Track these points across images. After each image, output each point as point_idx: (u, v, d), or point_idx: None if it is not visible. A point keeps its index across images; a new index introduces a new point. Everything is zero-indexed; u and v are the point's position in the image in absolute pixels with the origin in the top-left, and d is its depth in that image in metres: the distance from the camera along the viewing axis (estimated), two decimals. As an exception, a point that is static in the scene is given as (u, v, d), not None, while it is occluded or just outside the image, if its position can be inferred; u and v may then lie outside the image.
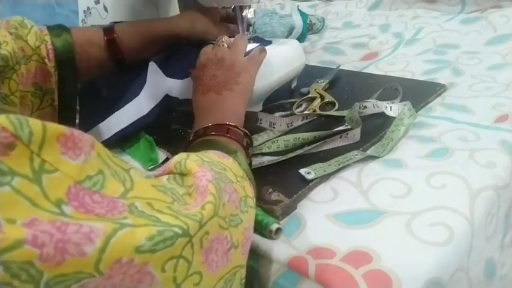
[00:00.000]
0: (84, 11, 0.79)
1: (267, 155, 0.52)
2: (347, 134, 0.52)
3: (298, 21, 0.97)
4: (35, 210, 0.21)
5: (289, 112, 0.62)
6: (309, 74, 0.71)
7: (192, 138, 0.44)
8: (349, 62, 0.84)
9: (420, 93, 0.63)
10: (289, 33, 0.96)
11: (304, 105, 0.64)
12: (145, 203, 0.26)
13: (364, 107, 0.57)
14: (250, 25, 0.63)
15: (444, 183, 0.44)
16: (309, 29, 1.02)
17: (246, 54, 0.54)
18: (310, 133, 0.53)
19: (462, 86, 0.66)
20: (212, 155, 0.36)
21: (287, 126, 0.57)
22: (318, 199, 0.45)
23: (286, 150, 0.52)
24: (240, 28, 0.62)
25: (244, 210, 0.34)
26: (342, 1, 1.21)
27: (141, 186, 0.27)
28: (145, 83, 0.60)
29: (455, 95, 0.64)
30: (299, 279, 0.37)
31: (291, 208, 0.44)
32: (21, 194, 0.20)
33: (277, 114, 0.60)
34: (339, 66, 0.76)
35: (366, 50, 0.87)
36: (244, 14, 0.61)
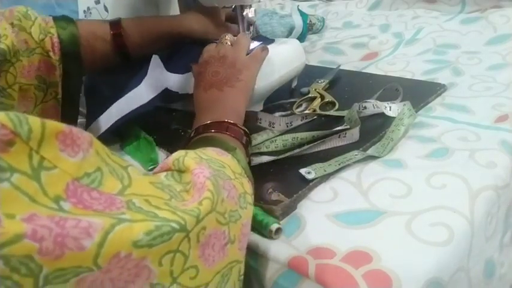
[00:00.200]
0: (84, 11, 0.79)
1: (265, 154, 0.52)
2: (345, 133, 0.52)
3: (298, 21, 0.97)
4: (34, 206, 0.21)
5: (289, 112, 0.62)
6: (309, 73, 0.71)
7: (192, 135, 0.44)
8: (349, 62, 0.84)
9: (420, 93, 0.63)
10: (289, 33, 0.96)
11: (304, 105, 0.64)
12: (142, 199, 0.26)
13: (364, 107, 0.57)
14: (251, 24, 0.63)
15: (444, 183, 0.44)
16: (309, 29, 1.02)
17: (249, 53, 0.54)
18: (308, 133, 0.53)
19: (462, 86, 0.66)
20: (211, 152, 0.37)
21: (286, 126, 0.57)
22: (318, 199, 0.45)
23: (284, 150, 0.52)
24: (240, 28, 0.62)
25: (243, 206, 0.34)
26: (342, 1, 1.21)
27: (139, 183, 0.27)
28: (146, 74, 0.60)
29: (455, 95, 0.64)
30: (299, 279, 0.37)
31: (291, 208, 0.44)
32: (20, 190, 0.21)
33: (277, 114, 0.60)
34: (339, 66, 0.76)
35: (366, 50, 0.87)
36: (245, 13, 0.61)
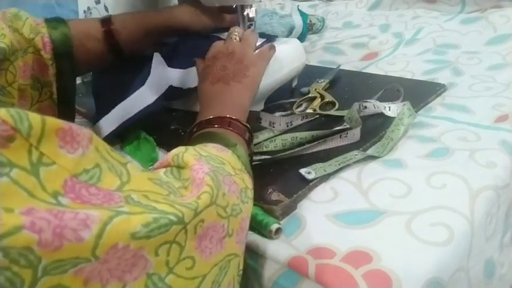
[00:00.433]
0: (84, 11, 0.79)
1: (265, 154, 0.52)
2: (347, 133, 0.52)
3: (298, 21, 0.97)
4: (32, 200, 0.21)
5: (289, 112, 0.62)
6: (309, 73, 0.71)
7: (195, 129, 0.44)
8: (349, 62, 0.84)
9: (420, 93, 0.63)
10: (289, 33, 0.96)
11: (304, 105, 0.64)
12: (141, 195, 0.26)
13: (364, 107, 0.57)
14: (251, 24, 0.63)
15: (444, 183, 0.44)
16: (309, 29, 1.02)
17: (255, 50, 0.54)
18: (308, 132, 0.53)
19: (462, 86, 0.66)
20: (211, 148, 0.37)
21: (287, 126, 0.57)
22: (318, 199, 0.45)
23: (284, 150, 0.52)
24: (241, 27, 0.62)
25: (245, 200, 0.35)
26: (342, 1, 1.21)
27: (138, 179, 0.28)
28: (149, 74, 0.60)
29: (455, 95, 0.64)
30: (299, 279, 0.37)
31: (291, 208, 0.44)
32: (19, 185, 0.21)
33: (277, 114, 0.60)
34: (339, 66, 0.76)
35: (366, 50, 0.87)
36: (245, 13, 0.61)
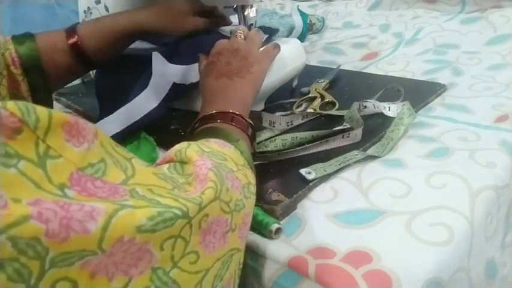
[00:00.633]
0: (84, 11, 0.79)
1: (264, 153, 0.52)
2: (349, 134, 0.52)
3: (298, 21, 0.97)
4: (39, 192, 0.21)
5: (289, 112, 0.62)
6: (309, 73, 0.71)
7: (197, 124, 0.44)
8: (349, 62, 0.84)
9: (420, 93, 0.63)
10: (289, 33, 0.96)
11: (304, 105, 0.64)
12: (146, 188, 0.27)
13: (364, 106, 0.57)
14: (252, 24, 0.63)
15: (444, 183, 0.44)
16: (309, 29, 1.02)
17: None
18: (308, 132, 0.53)
19: (462, 86, 0.66)
20: (213, 144, 0.37)
21: (287, 125, 0.57)
22: (318, 199, 0.45)
23: (284, 149, 0.52)
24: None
25: (248, 196, 0.35)
26: (342, 1, 1.21)
27: (142, 173, 0.28)
28: (151, 74, 0.59)
29: (455, 95, 0.64)
30: (299, 279, 0.37)
31: (291, 208, 0.44)
32: (26, 177, 0.21)
33: (277, 114, 0.60)
34: (339, 66, 0.76)
35: (366, 50, 0.87)
36: (246, 13, 0.61)
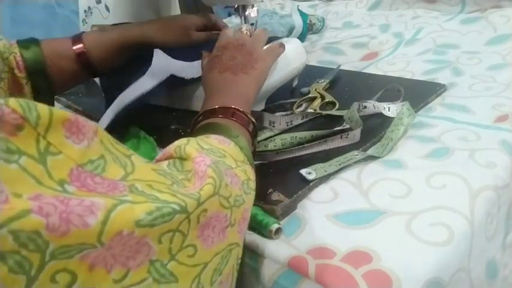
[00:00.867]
0: (85, 11, 0.79)
1: (263, 153, 0.52)
2: (347, 134, 0.52)
3: (298, 21, 0.97)
4: (40, 187, 0.22)
5: (289, 112, 0.62)
6: (309, 73, 0.71)
7: (199, 118, 0.45)
8: (349, 62, 0.84)
9: (420, 93, 0.63)
10: (289, 33, 0.96)
11: (304, 105, 0.64)
12: (145, 184, 0.27)
13: (364, 107, 0.57)
14: (252, 24, 0.63)
15: (444, 183, 0.44)
16: (309, 29, 1.02)
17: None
18: (307, 132, 0.53)
19: (462, 86, 0.66)
20: (213, 140, 0.37)
21: (287, 125, 0.57)
22: (318, 199, 0.45)
23: (283, 149, 0.52)
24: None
25: (247, 192, 0.35)
26: (342, 1, 1.21)
27: (142, 170, 0.28)
28: (149, 65, 0.59)
29: (455, 95, 0.64)
30: (299, 279, 0.37)
31: (291, 208, 0.44)
32: (27, 172, 0.22)
33: (277, 114, 0.60)
34: (339, 66, 0.76)
35: (366, 50, 0.87)
36: (247, 13, 0.62)
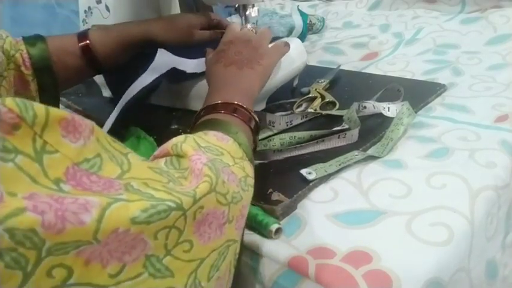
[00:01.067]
0: (85, 11, 0.78)
1: (263, 152, 0.52)
2: (345, 134, 0.52)
3: (298, 21, 0.97)
4: (35, 186, 0.22)
5: (289, 112, 0.62)
6: (309, 73, 0.71)
7: (201, 113, 0.45)
8: (349, 62, 0.84)
9: (420, 93, 0.63)
10: (289, 33, 0.96)
11: (304, 105, 0.64)
12: (141, 182, 0.27)
13: (363, 107, 0.57)
14: (253, 23, 0.63)
15: (444, 183, 0.44)
16: (309, 29, 1.02)
17: None
18: (306, 132, 0.53)
19: (462, 86, 0.66)
20: (211, 137, 0.37)
21: (286, 125, 0.57)
22: (318, 199, 0.45)
23: (282, 149, 0.52)
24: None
25: (245, 188, 0.35)
26: (342, 1, 1.21)
27: (138, 168, 0.29)
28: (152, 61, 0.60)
29: (455, 95, 0.64)
30: (299, 279, 0.37)
31: (291, 208, 0.44)
32: (23, 171, 0.22)
33: (277, 114, 0.60)
34: (339, 66, 0.76)
35: (366, 50, 0.87)
36: (248, 13, 0.62)
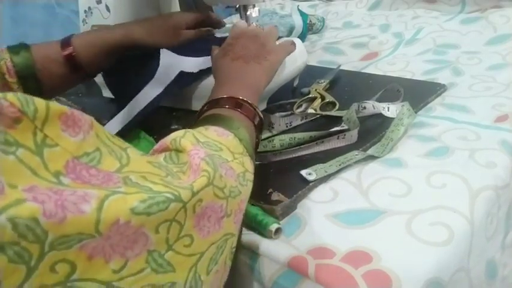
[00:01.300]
0: (85, 11, 0.78)
1: (262, 153, 0.52)
2: (344, 134, 0.52)
3: (298, 21, 0.97)
4: (35, 178, 0.22)
5: (289, 112, 0.62)
6: (309, 73, 0.71)
7: (205, 107, 0.45)
8: (349, 62, 0.84)
9: (420, 93, 0.63)
10: (289, 33, 0.96)
11: (304, 106, 0.64)
12: (139, 176, 0.28)
13: (363, 107, 0.57)
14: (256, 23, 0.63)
15: (444, 183, 0.44)
16: (309, 29, 1.02)
17: None
18: (305, 133, 0.53)
19: (462, 86, 0.66)
20: (211, 132, 0.37)
21: (286, 126, 0.57)
22: (318, 199, 0.45)
23: (282, 150, 0.52)
24: None
25: (243, 183, 0.36)
26: (342, 1, 1.21)
27: (137, 162, 0.29)
28: (158, 66, 0.60)
29: (455, 95, 0.64)
30: (299, 279, 0.37)
31: (291, 208, 0.44)
32: (24, 164, 0.22)
33: (277, 114, 0.60)
34: (339, 66, 0.76)
35: (366, 50, 0.87)
36: (248, 13, 0.62)
